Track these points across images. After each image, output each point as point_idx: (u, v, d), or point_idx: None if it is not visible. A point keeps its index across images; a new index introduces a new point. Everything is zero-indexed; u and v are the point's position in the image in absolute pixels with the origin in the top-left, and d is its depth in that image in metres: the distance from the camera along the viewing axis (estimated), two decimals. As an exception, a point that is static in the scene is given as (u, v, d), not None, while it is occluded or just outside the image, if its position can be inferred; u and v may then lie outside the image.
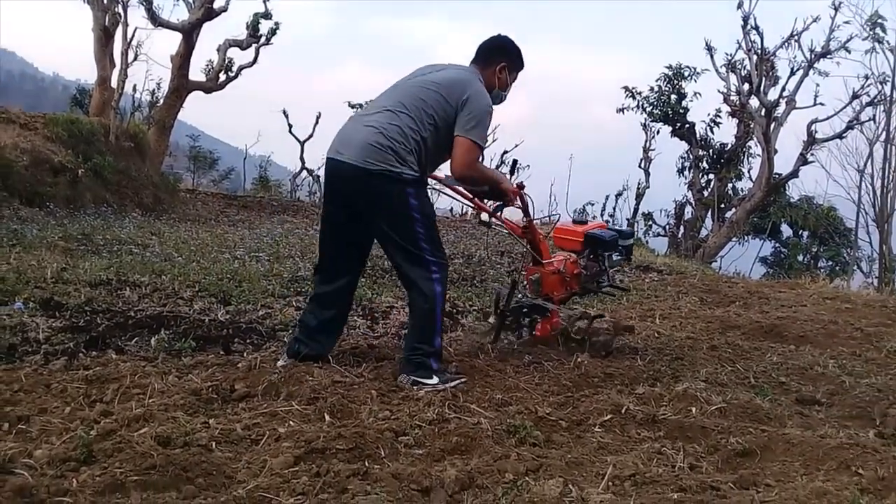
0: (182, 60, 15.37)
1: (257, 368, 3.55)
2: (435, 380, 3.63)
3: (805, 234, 19.25)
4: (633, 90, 19.03)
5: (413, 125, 3.65)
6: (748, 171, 18.70)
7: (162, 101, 16.88)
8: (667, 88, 18.62)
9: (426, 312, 3.71)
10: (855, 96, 15.80)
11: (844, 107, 16.08)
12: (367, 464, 2.53)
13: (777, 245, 19.91)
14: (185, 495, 2.19)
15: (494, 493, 2.41)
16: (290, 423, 2.91)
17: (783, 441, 3.01)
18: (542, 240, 4.53)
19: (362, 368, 3.84)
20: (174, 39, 15.34)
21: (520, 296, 4.56)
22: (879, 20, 14.40)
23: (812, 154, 16.60)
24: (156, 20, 14.56)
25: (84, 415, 2.90)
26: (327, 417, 3.00)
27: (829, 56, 15.80)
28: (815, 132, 16.53)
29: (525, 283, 4.68)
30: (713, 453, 2.97)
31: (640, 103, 19.01)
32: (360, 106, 24.02)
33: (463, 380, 3.71)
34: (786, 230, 19.97)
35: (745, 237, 19.22)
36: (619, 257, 4.83)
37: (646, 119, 19.64)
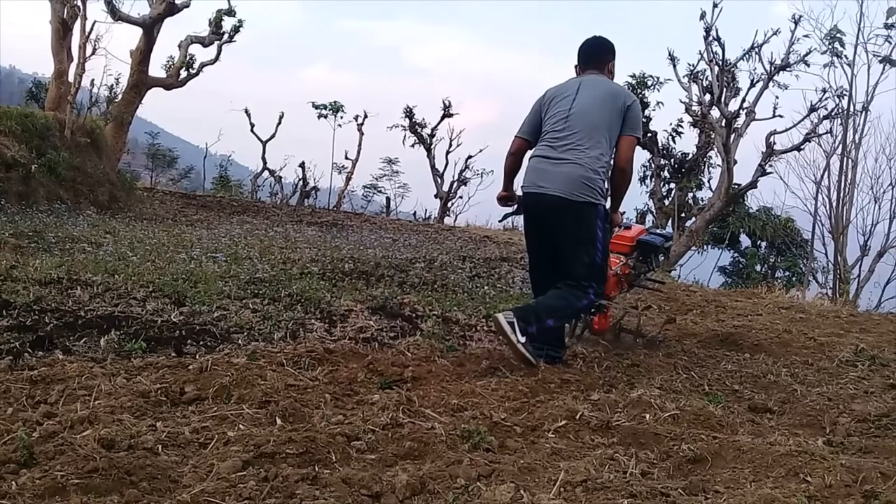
0: (142, 56, 15.14)
1: (209, 371, 3.48)
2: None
3: (763, 244, 19.58)
4: (598, 98, 19.19)
5: (603, 153, 4.28)
6: (708, 181, 18.98)
7: (120, 96, 16.61)
8: (630, 97, 18.83)
9: (564, 307, 4.30)
10: (813, 109, 16.11)
11: (802, 119, 16.41)
12: (317, 468, 2.49)
13: (735, 255, 20.26)
14: (127, 499, 2.13)
15: (445, 499, 2.39)
16: (240, 426, 2.86)
17: (734, 448, 3.04)
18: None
19: (317, 372, 3.80)
20: (134, 34, 15.12)
21: None
22: (838, 35, 14.72)
23: (771, 165, 16.87)
24: (115, 14, 14.32)
25: (26, 416, 2.82)
26: (279, 421, 2.95)
27: (788, 69, 16.11)
28: (774, 144, 16.83)
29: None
30: (665, 460, 2.98)
31: (604, 111, 19.17)
32: (324, 107, 23.97)
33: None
34: (744, 240, 20.30)
35: (705, 246, 19.49)
36: (663, 258, 5.42)
37: (609, 127, 19.84)
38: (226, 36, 17.32)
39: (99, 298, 5.05)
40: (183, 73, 17.18)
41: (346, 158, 24.65)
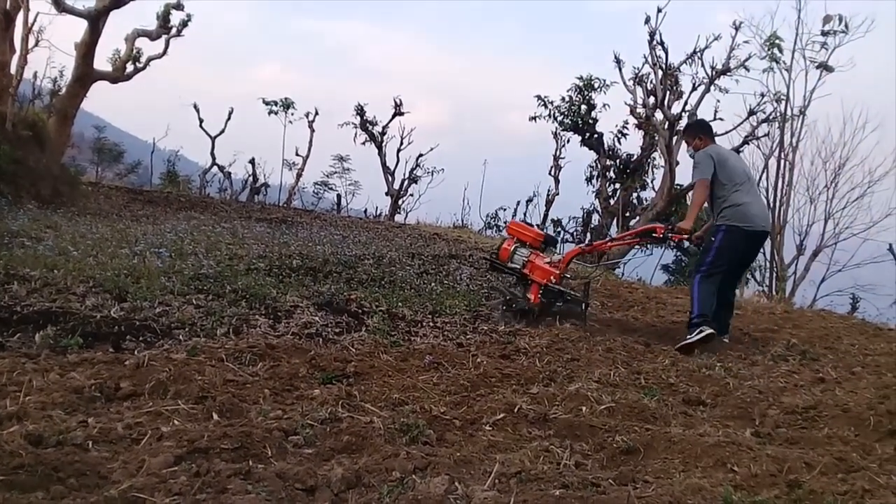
0: (87, 49, 14.75)
1: (146, 366, 3.44)
2: None
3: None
4: (546, 99, 19.36)
5: None
6: (652, 182, 19.22)
7: (64, 89, 16.19)
8: (577, 99, 18.99)
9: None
10: (752, 112, 16.39)
11: (742, 122, 16.65)
12: (251, 463, 2.49)
13: (678, 253, 20.59)
14: (53, 496, 2.10)
15: (380, 492, 2.41)
16: (175, 422, 2.84)
17: (665, 439, 3.13)
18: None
19: (258, 367, 3.78)
20: (79, 26, 14.73)
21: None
22: (777, 41, 15.01)
23: (711, 167, 17.15)
24: (60, 5, 13.93)
25: (-47, 413, 2.75)
26: (215, 416, 2.94)
27: (728, 73, 16.39)
28: (714, 146, 17.11)
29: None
30: (599, 451, 3.05)
31: (552, 112, 19.33)
32: (275, 103, 23.72)
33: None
34: (686, 240, 20.57)
35: (648, 245, 19.79)
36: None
37: (557, 128, 20.02)
38: (174, 30, 16.97)
39: (36, 294, 4.93)
40: (129, 67, 16.78)
41: (297, 155, 24.40)
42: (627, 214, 18.50)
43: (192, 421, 2.88)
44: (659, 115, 16.96)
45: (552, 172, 20.86)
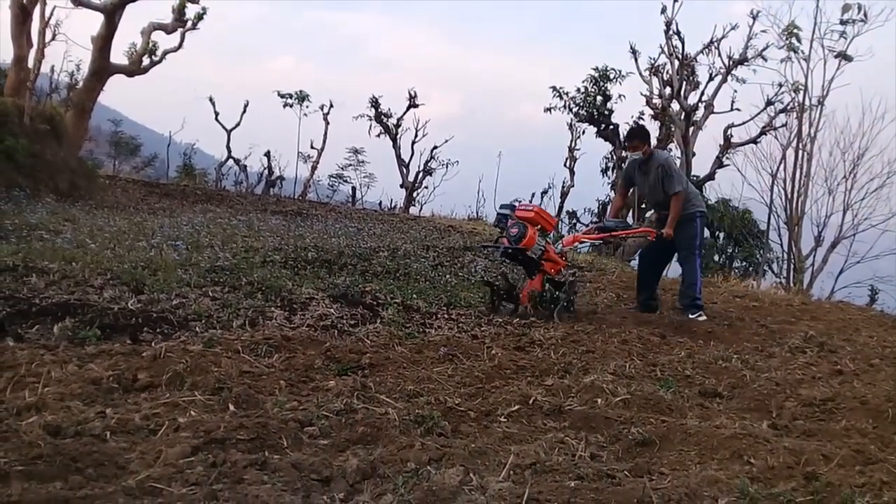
0: (103, 42, 14.85)
1: (163, 358, 3.46)
2: None
3: (721, 235, 19.85)
4: (561, 90, 19.27)
5: None
6: (668, 173, 19.07)
7: (81, 83, 16.31)
8: (593, 90, 18.89)
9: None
10: (769, 103, 16.29)
11: (759, 112, 16.58)
12: (267, 454, 2.50)
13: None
14: (71, 486, 2.11)
15: (395, 483, 2.42)
16: (192, 412, 2.85)
17: (681, 431, 3.11)
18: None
19: (274, 359, 3.80)
20: (95, 20, 14.82)
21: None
22: (795, 30, 14.89)
23: (728, 158, 17.09)
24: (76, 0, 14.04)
25: (-27, 404, 2.78)
26: (231, 407, 2.96)
27: (746, 63, 16.29)
28: (732, 136, 17.04)
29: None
30: (614, 443, 3.05)
31: (567, 104, 19.25)
32: (290, 96, 23.81)
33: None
34: (703, 231, 20.49)
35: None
36: None
37: (572, 119, 19.93)
38: (189, 23, 17.05)
39: (55, 286, 4.98)
40: (145, 61, 16.88)
41: (312, 148, 24.43)
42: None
43: (208, 412, 2.89)
44: (675, 106, 16.86)
45: (567, 164, 20.79)
